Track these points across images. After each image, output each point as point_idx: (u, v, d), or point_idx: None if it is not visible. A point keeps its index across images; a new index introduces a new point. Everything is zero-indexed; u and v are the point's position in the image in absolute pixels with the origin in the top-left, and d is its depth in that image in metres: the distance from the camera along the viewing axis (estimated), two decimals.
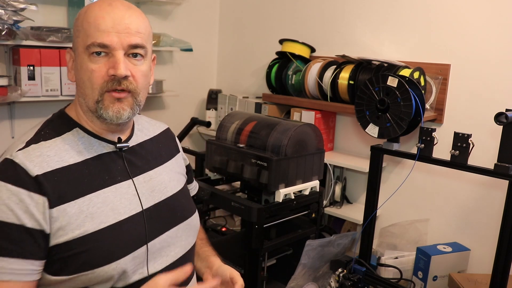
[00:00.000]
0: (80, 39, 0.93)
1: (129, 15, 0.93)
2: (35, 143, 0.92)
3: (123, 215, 0.95)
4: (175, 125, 2.69)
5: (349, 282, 1.61)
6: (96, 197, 0.93)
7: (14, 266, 0.84)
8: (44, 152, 0.91)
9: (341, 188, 2.22)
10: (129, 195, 0.98)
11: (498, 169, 1.34)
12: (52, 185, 0.88)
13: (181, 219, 1.08)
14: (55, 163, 0.91)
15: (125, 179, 0.99)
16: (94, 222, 0.91)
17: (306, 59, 2.35)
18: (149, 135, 1.12)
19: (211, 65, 3.02)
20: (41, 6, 2.11)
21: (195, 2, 2.80)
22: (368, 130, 1.61)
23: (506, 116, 1.27)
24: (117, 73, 0.90)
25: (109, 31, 0.90)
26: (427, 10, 1.99)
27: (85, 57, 0.92)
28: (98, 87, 0.92)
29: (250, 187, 1.80)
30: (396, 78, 1.53)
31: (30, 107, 2.15)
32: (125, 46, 0.92)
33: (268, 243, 1.68)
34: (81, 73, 0.93)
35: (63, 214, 0.88)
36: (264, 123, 1.81)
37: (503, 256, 1.34)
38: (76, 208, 0.90)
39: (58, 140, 0.95)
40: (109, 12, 0.91)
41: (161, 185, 1.06)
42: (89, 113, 0.97)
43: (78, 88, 0.96)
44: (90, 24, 0.91)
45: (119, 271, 0.92)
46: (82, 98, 0.96)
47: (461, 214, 1.96)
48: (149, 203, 1.01)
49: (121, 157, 1.01)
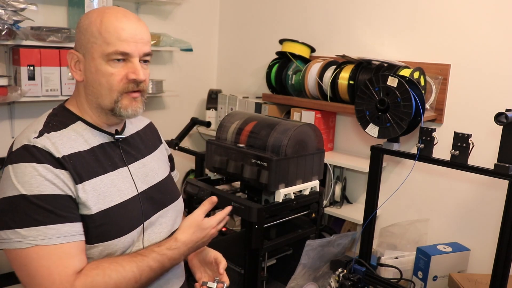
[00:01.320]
0: (97, 46, 1.03)
1: (141, 27, 1.07)
2: (47, 132, 1.03)
3: (126, 195, 1.09)
4: (175, 125, 2.69)
5: (349, 282, 1.61)
6: (105, 178, 1.06)
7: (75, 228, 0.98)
8: (57, 140, 1.02)
9: (341, 188, 2.22)
10: (128, 179, 1.12)
11: (498, 169, 1.34)
12: (72, 166, 1.01)
13: (170, 201, 1.22)
14: (68, 149, 1.02)
15: (123, 166, 1.13)
16: (106, 200, 1.04)
17: (306, 59, 2.35)
18: (138, 128, 1.26)
19: (211, 65, 3.02)
20: (41, 6, 2.11)
21: (195, 2, 2.80)
22: (368, 130, 1.61)
23: (506, 116, 1.27)
24: (138, 78, 1.05)
25: (129, 41, 1.03)
26: (427, 10, 1.99)
27: (102, 62, 1.04)
28: (117, 89, 1.05)
29: (250, 187, 1.80)
30: (396, 78, 1.53)
31: (30, 107, 2.15)
32: (141, 54, 1.06)
33: (268, 243, 1.68)
34: (96, 75, 1.05)
35: (82, 191, 1.01)
36: (264, 123, 1.81)
37: (503, 256, 1.34)
38: (91, 187, 1.02)
39: (66, 131, 1.06)
40: (127, 24, 1.04)
41: (152, 171, 1.21)
42: (97, 109, 1.09)
43: (90, 88, 1.07)
44: (110, 33, 1.02)
45: (126, 245, 1.06)
46: (93, 97, 1.08)
47: (461, 214, 1.96)
48: (143, 187, 1.15)
49: (118, 146, 1.14)
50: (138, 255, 1.05)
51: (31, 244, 0.93)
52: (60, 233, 0.95)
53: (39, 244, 0.93)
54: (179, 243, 1.10)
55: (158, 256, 1.06)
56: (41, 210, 0.95)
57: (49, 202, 0.95)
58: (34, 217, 0.94)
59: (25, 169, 0.96)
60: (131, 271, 1.00)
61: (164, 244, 1.09)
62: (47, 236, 0.94)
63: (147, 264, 1.04)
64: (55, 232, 0.95)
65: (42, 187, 0.96)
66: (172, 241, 1.10)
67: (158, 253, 1.06)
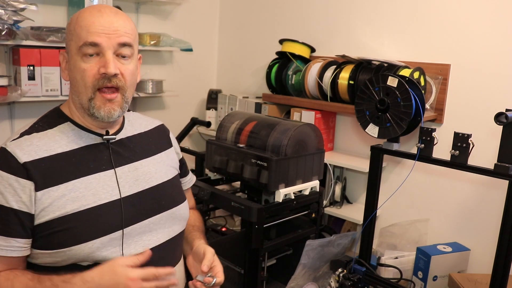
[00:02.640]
0: (73, 42, 1.02)
1: (117, 19, 1.03)
2: (28, 134, 1.03)
3: (103, 200, 1.05)
4: (175, 125, 2.68)
5: (349, 282, 1.61)
6: (80, 183, 1.03)
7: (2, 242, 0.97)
8: (34, 142, 1.02)
9: (341, 188, 2.22)
10: (111, 182, 1.08)
11: (498, 169, 1.34)
12: (39, 171, 0.99)
13: (165, 207, 1.15)
14: (43, 152, 1.01)
15: (109, 168, 1.09)
16: (75, 205, 1.01)
17: (306, 59, 2.35)
18: (140, 130, 1.22)
19: (211, 65, 3.02)
20: (41, 6, 2.11)
21: (195, 2, 2.80)
22: (368, 130, 1.61)
23: (506, 116, 1.27)
24: (107, 71, 1.00)
25: (99, 32, 1.00)
26: (427, 10, 1.99)
27: (78, 58, 1.02)
28: (90, 85, 1.02)
29: (250, 187, 1.80)
30: (396, 78, 1.53)
31: (30, 107, 2.15)
32: (115, 45, 1.02)
33: (268, 243, 1.68)
34: (74, 72, 1.03)
35: (46, 197, 0.99)
36: (264, 123, 1.81)
37: (503, 256, 1.34)
38: (59, 192, 1.00)
39: (50, 132, 1.05)
40: (98, 17, 1.01)
41: (146, 175, 1.15)
42: (81, 109, 1.06)
43: (72, 87, 1.06)
44: (82, 28, 1.01)
45: (94, 251, 1.01)
46: (75, 96, 1.06)
47: (461, 214, 1.96)
48: (131, 191, 1.10)
49: (108, 148, 1.10)
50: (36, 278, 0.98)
51: None
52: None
53: None
54: (77, 278, 0.96)
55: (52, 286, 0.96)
56: None
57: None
58: None
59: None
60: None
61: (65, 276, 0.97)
62: None
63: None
64: None
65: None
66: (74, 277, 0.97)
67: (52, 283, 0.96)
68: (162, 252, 1.12)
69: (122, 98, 1.05)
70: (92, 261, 1.01)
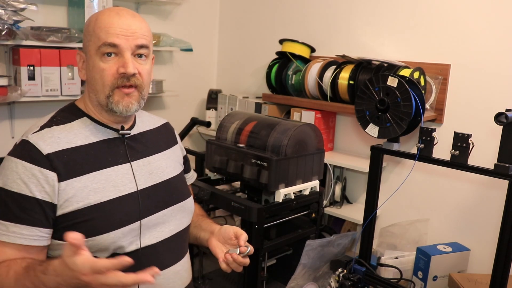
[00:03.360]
0: (92, 43, 1.07)
1: (134, 22, 1.08)
2: (48, 127, 1.07)
3: (122, 191, 1.09)
4: (175, 125, 2.66)
5: (349, 282, 1.61)
6: (100, 174, 1.07)
7: (24, 231, 0.99)
8: (56, 134, 1.05)
9: (341, 188, 2.22)
10: (128, 175, 1.12)
11: (498, 169, 1.34)
12: (62, 162, 1.02)
13: (176, 200, 1.21)
14: (64, 143, 1.05)
15: (125, 162, 1.13)
16: (97, 195, 1.05)
17: (306, 59, 2.35)
18: (150, 127, 1.27)
19: (211, 65, 3.02)
20: (41, 6, 2.11)
21: (195, 2, 2.80)
22: (368, 130, 1.61)
23: (506, 116, 1.27)
24: (127, 71, 1.05)
25: (118, 34, 1.05)
26: (427, 10, 1.99)
27: (96, 58, 1.06)
28: (109, 84, 1.06)
29: (250, 187, 1.80)
30: (396, 78, 1.53)
31: (30, 107, 2.15)
32: (133, 46, 1.06)
33: (268, 243, 1.68)
34: (93, 72, 1.07)
35: (69, 188, 1.02)
36: (264, 123, 1.81)
37: (503, 256, 1.34)
38: (81, 183, 1.03)
39: (68, 125, 1.09)
40: (117, 20, 1.06)
41: (159, 169, 1.20)
42: (98, 106, 1.11)
43: (89, 85, 1.10)
44: (101, 29, 1.05)
45: (115, 241, 1.05)
46: (93, 94, 1.10)
47: (461, 214, 1.96)
48: (146, 184, 1.15)
49: (123, 142, 1.15)
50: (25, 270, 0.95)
51: None
52: (8, 231, 0.98)
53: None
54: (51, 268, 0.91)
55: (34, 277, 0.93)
56: (2, 204, 0.99)
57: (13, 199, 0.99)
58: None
59: (10, 163, 1.01)
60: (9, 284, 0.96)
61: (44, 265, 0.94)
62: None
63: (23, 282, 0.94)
64: (4, 229, 0.98)
65: (13, 184, 0.99)
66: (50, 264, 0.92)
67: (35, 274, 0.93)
68: (172, 243, 1.18)
69: (139, 95, 1.10)
70: (111, 251, 1.05)
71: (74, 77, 2.11)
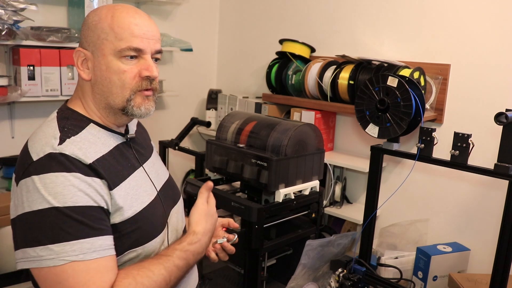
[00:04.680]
0: (108, 42, 0.99)
1: (153, 24, 1.05)
2: (68, 138, 0.96)
3: (151, 195, 1.08)
4: (175, 125, 2.69)
5: (349, 282, 1.61)
6: (132, 181, 1.03)
7: (109, 242, 0.93)
8: (81, 145, 0.97)
9: (341, 188, 2.22)
10: (147, 179, 1.10)
11: (498, 169, 1.34)
12: (104, 171, 0.96)
13: (178, 196, 1.23)
14: (93, 153, 0.97)
15: (139, 166, 1.10)
16: (138, 202, 1.02)
17: (306, 59, 2.35)
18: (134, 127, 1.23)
19: (211, 65, 3.02)
20: (41, 6, 2.11)
21: (195, 2, 2.80)
22: (368, 130, 1.61)
23: (506, 116, 1.27)
24: (152, 75, 1.03)
25: (142, 37, 1.00)
26: (427, 10, 1.99)
27: (113, 59, 1.00)
28: (130, 87, 1.01)
29: (250, 187, 1.80)
30: (396, 78, 1.53)
31: (30, 107, 2.15)
32: (153, 51, 1.04)
33: (268, 243, 1.68)
34: (108, 73, 1.00)
35: (117, 197, 0.97)
36: (264, 123, 1.81)
37: (503, 256, 1.34)
38: (123, 191, 0.99)
39: (83, 134, 1.00)
40: (139, 20, 1.01)
41: (160, 168, 1.21)
42: (106, 109, 1.04)
43: (99, 87, 1.02)
44: (123, 29, 0.99)
45: (159, 245, 1.05)
46: (102, 96, 1.03)
47: (461, 214, 1.96)
48: (159, 185, 1.15)
49: (130, 146, 1.11)
50: (162, 256, 1.00)
51: (66, 261, 0.86)
52: (95, 247, 0.90)
53: (75, 260, 0.87)
54: (199, 235, 1.07)
55: (182, 253, 1.01)
56: (75, 223, 0.89)
57: (83, 214, 0.90)
58: (68, 230, 0.87)
59: (56, 179, 0.89)
60: (160, 274, 0.96)
61: (184, 240, 1.04)
62: (82, 251, 0.88)
63: (173, 263, 0.99)
64: (90, 246, 0.89)
65: (76, 198, 0.90)
66: (191, 235, 1.06)
67: (181, 250, 1.02)
68: None
69: (154, 98, 1.10)
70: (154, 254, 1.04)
71: (74, 77, 2.11)
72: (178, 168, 2.86)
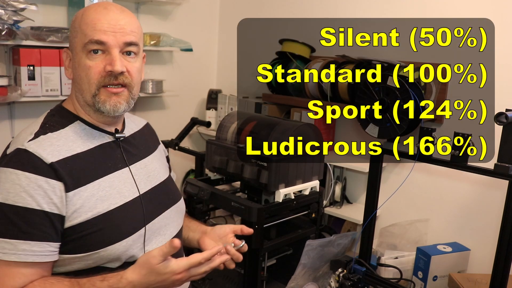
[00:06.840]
0: (77, 39, 1.01)
1: (123, 17, 1.02)
2: (43, 134, 0.99)
3: (127, 197, 1.05)
4: (175, 125, 2.69)
5: (349, 282, 1.61)
6: (104, 182, 1.02)
7: (35, 248, 0.92)
8: (54, 142, 0.98)
9: (341, 188, 2.22)
10: (129, 180, 1.08)
11: (498, 169, 1.34)
12: (66, 171, 0.96)
13: (173, 202, 1.20)
14: (65, 151, 0.98)
15: (124, 167, 1.09)
16: (104, 204, 1.00)
17: (306, 59, 2.35)
18: (137, 128, 1.23)
19: (211, 65, 3.02)
20: (41, 6, 2.10)
21: (195, 2, 2.80)
22: (368, 130, 1.61)
23: (506, 116, 1.27)
24: (114, 69, 0.99)
25: (105, 30, 0.99)
26: (428, 10, 1.99)
27: (82, 55, 1.00)
28: (95, 82, 1.00)
29: (250, 187, 1.80)
30: (396, 78, 1.53)
31: (30, 107, 2.15)
32: (121, 44, 1.01)
33: (268, 243, 1.68)
34: (78, 70, 1.02)
35: (77, 197, 0.96)
36: (264, 123, 1.81)
37: (503, 256, 1.34)
38: (88, 192, 0.98)
39: (63, 131, 1.02)
40: (104, 15, 1.00)
41: (155, 171, 1.18)
42: (86, 107, 1.05)
43: (76, 84, 1.05)
44: (87, 25, 1.00)
45: (127, 249, 1.01)
46: (79, 94, 1.04)
47: (461, 214, 1.96)
48: (146, 188, 1.12)
49: (119, 146, 1.10)
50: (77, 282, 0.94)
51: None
52: (17, 249, 0.90)
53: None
54: (125, 282, 0.93)
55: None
56: (6, 221, 0.90)
57: (17, 215, 0.90)
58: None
59: (9, 175, 0.92)
60: None
61: (108, 279, 0.93)
62: (2, 250, 0.90)
63: None
64: (12, 248, 0.90)
65: (17, 198, 0.91)
66: (118, 277, 0.93)
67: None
68: None
69: (129, 95, 1.05)
70: (122, 261, 1.01)
71: None
72: (178, 168, 2.86)
